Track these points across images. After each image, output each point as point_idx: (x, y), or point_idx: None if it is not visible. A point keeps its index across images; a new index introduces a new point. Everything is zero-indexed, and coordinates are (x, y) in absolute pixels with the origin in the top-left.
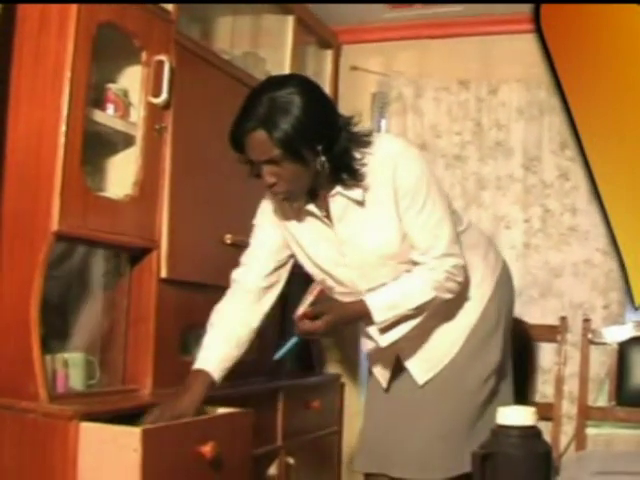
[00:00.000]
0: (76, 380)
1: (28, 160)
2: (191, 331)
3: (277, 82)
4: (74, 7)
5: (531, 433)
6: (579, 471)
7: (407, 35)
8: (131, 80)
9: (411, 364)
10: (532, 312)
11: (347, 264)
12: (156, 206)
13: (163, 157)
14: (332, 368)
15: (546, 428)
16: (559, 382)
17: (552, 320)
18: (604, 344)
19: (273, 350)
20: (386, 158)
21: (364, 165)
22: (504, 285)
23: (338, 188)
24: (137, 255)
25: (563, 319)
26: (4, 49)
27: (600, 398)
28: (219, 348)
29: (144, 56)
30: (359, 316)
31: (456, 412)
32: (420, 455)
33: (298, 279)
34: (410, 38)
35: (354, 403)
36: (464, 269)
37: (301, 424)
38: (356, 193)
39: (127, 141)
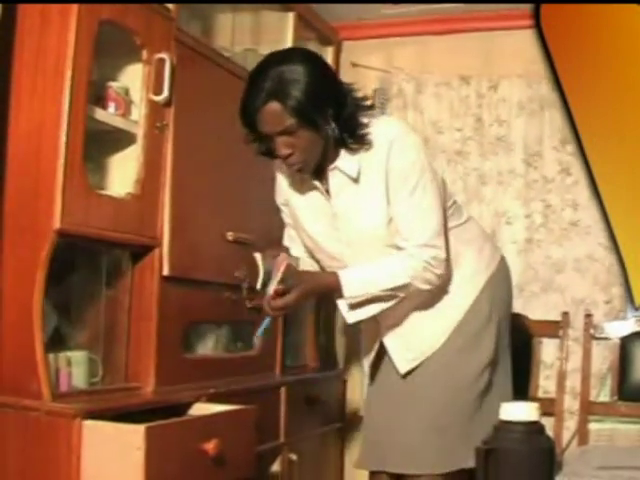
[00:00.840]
0: (79, 378)
1: (30, 159)
2: (193, 328)
3: (280, 56)
4: (75, 5)
5: (534, 429)
6: (581, 466)
7: (407, 31)
8: (132, 78)
9: (393, 351)
10: (534, 307)
11: (340, 239)
12: (158, 204)
13: (164, 155)
14: (335, 364)
15: (548, 423)
16: (561, 377)
17: (554, 315)
18: (606, 339)
19: (274, 347)
20: (382, 139)
21: (368, 131)
22: (499, 281)
23: (338, 161)
24: (139, 253)
25: (565, 314)
26: (5, 47)
27: (602, 393)
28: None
29: (145, 54)
30: (330, 288)
31: (449, 406)
32: (414, 449)
33: None
34: (410, 34)
35: (357, 399)
36: (445, 262)
37: (304, 420)
38: (351, 169)
39: (128, 139)
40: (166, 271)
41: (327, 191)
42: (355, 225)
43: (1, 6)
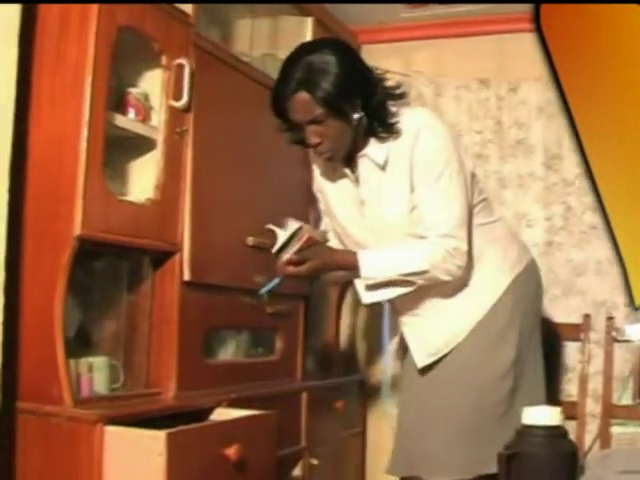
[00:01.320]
0: (100, 384)
1: (50, 165)
2: (214, 333)
3: (311, 46)
4: (94, 11)
5: (557, 433)
6: (604, 470)
7: (425, 35)
8: (151, 84)
9: (412, 345)
10: (555, 311)
11: (365, 225)
12: (178, 209)
13: (184, 160)
14: (356, 369)
15: (571, 427)
16: (583, 381)
17: (575, 318)
18: (628, 342)
19: (295, 352)
20: (410, 128)
21: (398, 120)
22: (525, 283)
23: (367, 149)
24: (159, 258)
25: (586, 317)
26: (24, 54)
27: (624, 396)
28: None
29: (164, 60)
30: (346, 266)
31: (474, 408)
32: (442, 454)
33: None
34: (428, 38)
35: (377, 403)
36: (466, 255)
37: (325, 425)
38: (379, 157)
39: (148, 145)
40: (187, 276)
41: (356, 179)
42: (380, 212)
43: (20, 13)
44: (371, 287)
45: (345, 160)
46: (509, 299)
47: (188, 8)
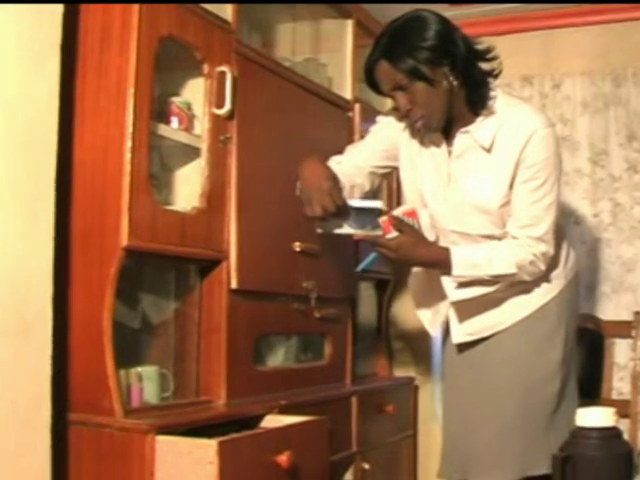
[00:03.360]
0: (150, 393)
1: (95, 177)
2: (263, 340)
3: (406, 15)
4: (135, 21)
5: (611, 434)
6: None
7: (467, 33)
8: (194, 92)
9: (454, 320)
10: (605, 308)
11: (447, 200)
12: (224, 217)
13: (229, 168)
14: (406, 371)
15: (623, 425)
16: (635, 378)
17: (626, 315)
18: None
19: (344, 356)
20: (527, 124)
21: (495, 94)
22: (575, 288)
23: (472, 126)
24: (207, 266)
25: (637, 314)
26: (67, 67)
27: None
28: None
29: (206, 68)
30: (436, 260)
31: (521, 410)
32: (492, 455)
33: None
34: (470, 36)
35: (428, 406)
36: (549, 260)
37: (375, 429)
38: (485, 138)
39: (192, 153)
40: (234, 284)
41: (449, 152)
42: (466, 191)
43: (62, 24)
44: (459, 285)
45: (443, 132)
46: (559, 302)
47: (229, 15)
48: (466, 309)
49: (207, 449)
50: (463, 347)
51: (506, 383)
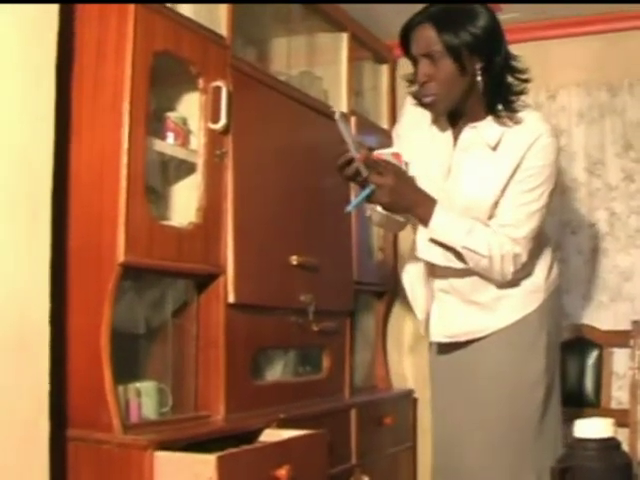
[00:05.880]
0: (149, 409)
1: (92, 192)
2: (261, 354)
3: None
4: (129, 36)
5: (610, 445)
6: None
7: None
8: (189, 107)
9: (435, 317)
10: (603, 317)
11: (444, 189)
12: (220, 231)
13: (225, 182)
14: (404, 383)
15: (622, 435)
16: (634, 388)
17: (624, 325)
18: None
19: (342, 369)
20: (532, 130)
21: (521, 105)
22: (556, 300)
23: (481, 122)
24: (204, 281)
25: (635, 323)
26: (63, 80)
27: None
28: None
29: (201, 83)
30: (418, 205)
31: (507, 422)
32: (476, 468)
33: (363, 298)
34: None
35: (427, 418)
36: (521, 266)
37: (375, 441)
38: (491, 137)
39: (188, 168)
40: (231, 298)
41: (454, 143)
42: (464, 185)
43: (57, 39)
44: (431, 242)
45: (449, 119)
46: (539, 314)
47: (223, 30)
48: (446, 308)
49: (206, 464)
50: (443, 350)
51: (490, 394)
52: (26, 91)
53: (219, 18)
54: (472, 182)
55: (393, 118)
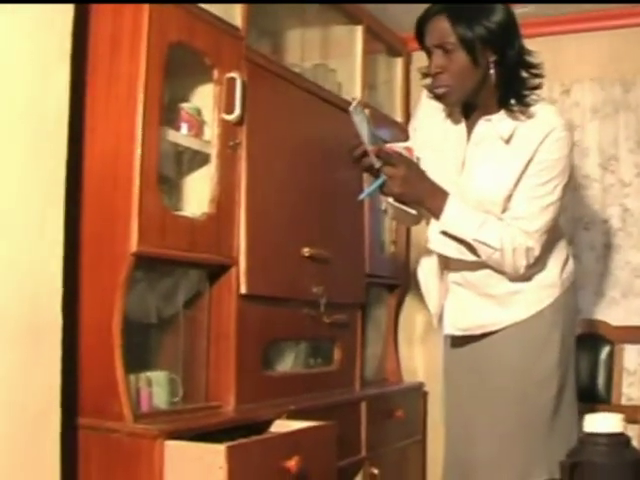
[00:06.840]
0: (160, 398)
1: (105, 182)
2: (272, 345)
3: None
4: (144, 28)
5: (620, 440)
6: None
7: None
8: (203, 98)
9: (448, 310)
10: (614, 313)
11: (457, 183)
12: (233, 222)
13: (238, 173)
14: (415, 376)
15: (633, 431)
16: None
17: (636, 321)
18: None
19: (353, 362)
20: (546, 121)
21: (535, 99)
22: (571, 297)
23: (495, 116)
24: (216, 272)
25: None
26: (77, 72)
27: None
28: None
29: (215, 74)
30: (429, 197)
31: (519, 417)
32: (488, 463)
33: (375, 291)
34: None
35: (437, 411)
36: (533, 260)
37: (385, 434)
38: (504, 130)
39: (202, 159)
40: (243, 289)
41: (468, 136)
42: (478, 179)
43: (72, 31)
44: (444, 235)
45: (463, 112)
46: (554, 309)
47: (238, 21)
48: (461, 300)
49: (216, 454)
50: (457, 344)
51: (502, 390)
52: (41, 84)
53: (234, 10)
54: (485, 176)
55: (407, 111)
